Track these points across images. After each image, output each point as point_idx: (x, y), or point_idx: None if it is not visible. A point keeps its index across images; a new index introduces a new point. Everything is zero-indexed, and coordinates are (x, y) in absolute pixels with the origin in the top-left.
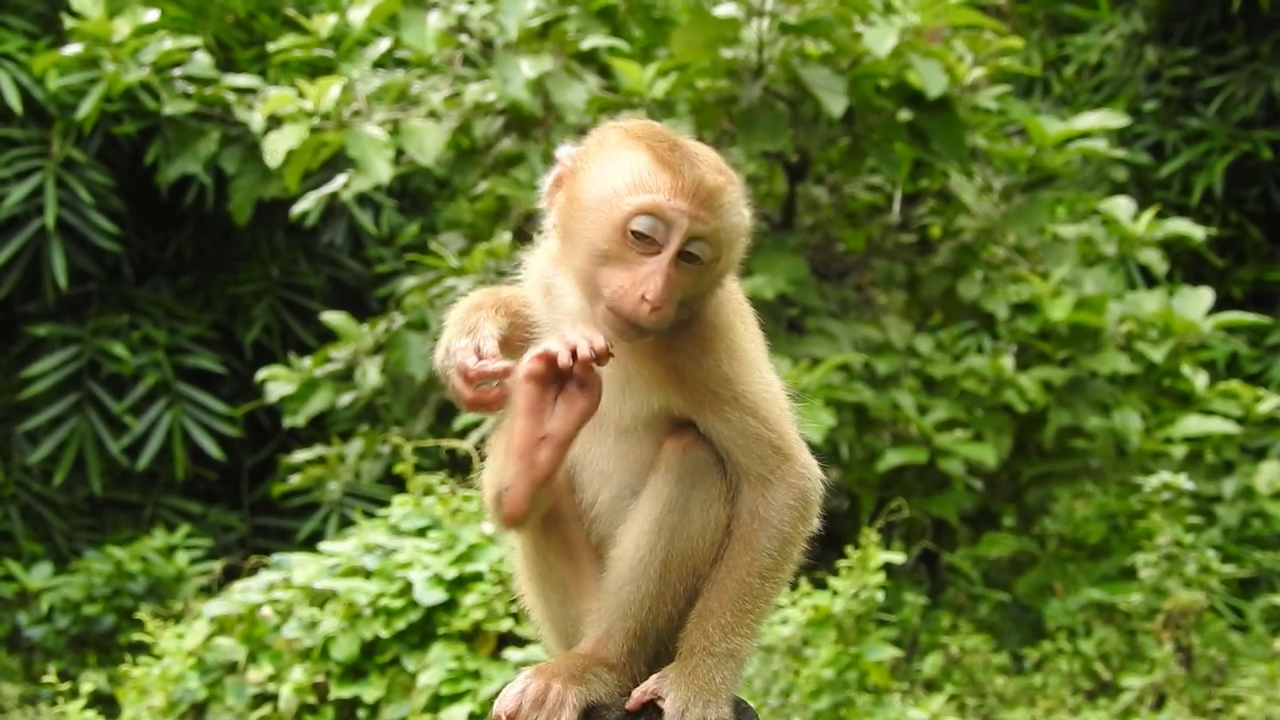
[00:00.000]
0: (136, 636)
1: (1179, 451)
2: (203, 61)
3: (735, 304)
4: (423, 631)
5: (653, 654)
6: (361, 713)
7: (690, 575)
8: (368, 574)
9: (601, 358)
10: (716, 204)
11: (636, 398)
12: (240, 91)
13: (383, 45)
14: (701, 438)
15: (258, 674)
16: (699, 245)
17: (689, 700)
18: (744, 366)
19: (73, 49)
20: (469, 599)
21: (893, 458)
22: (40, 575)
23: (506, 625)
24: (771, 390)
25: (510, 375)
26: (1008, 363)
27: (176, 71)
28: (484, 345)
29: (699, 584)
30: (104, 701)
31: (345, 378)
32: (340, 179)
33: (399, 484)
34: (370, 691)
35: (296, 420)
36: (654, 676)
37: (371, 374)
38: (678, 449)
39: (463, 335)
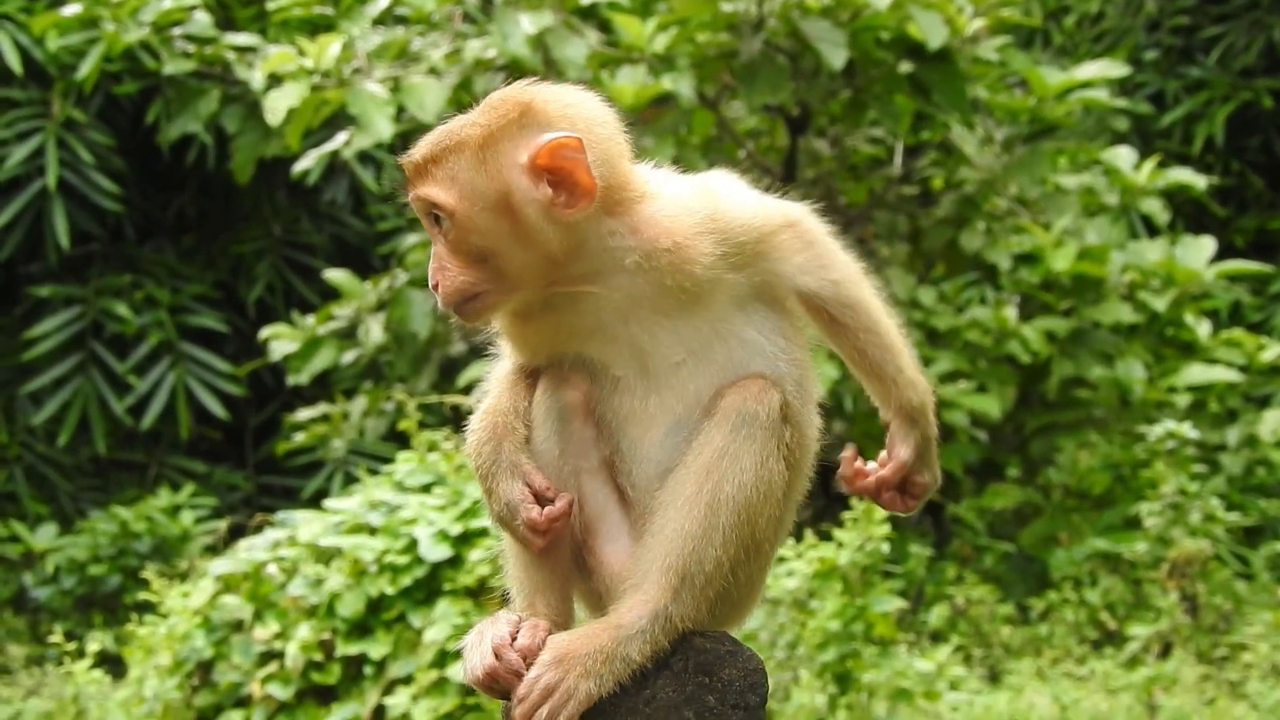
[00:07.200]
0: (142, 596)
1: (1182, 400)
2: (202, 20)
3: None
4: (428, 588)
5: (693, 607)
6: (368, 669)
7: (744, 523)
8: (373, 531)
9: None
10: (427, 172)
11: (667, 322)
12: (240, 50)
13: (382, 2)
14: (766, 391)
15: (264, 632)
16: (437, 212)
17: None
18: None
19: (72, 9)
20: (475, 555)
21: None
22: (45, 536)
23: None
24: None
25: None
26: (1011, 314)
27: (176, 31)
28: (535, 482)
29: (754, 536)
30: (110, 661)
31: (348, 335)
32: (341, 136)
33: (403, 441)
34: (376, 648)
35: (300, 378)
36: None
37: (375, 331)
38: (736, 401)
39: (506, 479)
